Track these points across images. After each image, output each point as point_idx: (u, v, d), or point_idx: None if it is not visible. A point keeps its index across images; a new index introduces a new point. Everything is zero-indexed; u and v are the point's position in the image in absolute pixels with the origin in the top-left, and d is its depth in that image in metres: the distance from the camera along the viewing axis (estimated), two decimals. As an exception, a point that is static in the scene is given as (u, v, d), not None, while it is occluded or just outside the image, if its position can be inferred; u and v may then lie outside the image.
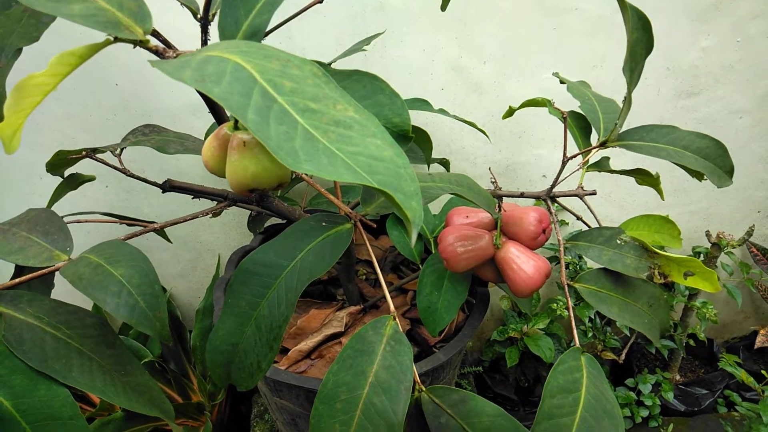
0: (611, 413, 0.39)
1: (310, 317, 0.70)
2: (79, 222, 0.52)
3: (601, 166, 0.59)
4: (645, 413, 0.99)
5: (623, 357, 1.00)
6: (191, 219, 0.49)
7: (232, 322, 0.41)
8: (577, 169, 0.57)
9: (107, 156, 0.57)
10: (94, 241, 0.44)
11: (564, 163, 0.52)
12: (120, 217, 0.59)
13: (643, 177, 0.57)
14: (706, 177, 0.51)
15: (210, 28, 0.41)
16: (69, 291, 0.42)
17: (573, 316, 0.48)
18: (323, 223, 0.44)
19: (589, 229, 0.53)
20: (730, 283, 0.97)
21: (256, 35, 0.38)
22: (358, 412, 0.36)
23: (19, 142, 0.27)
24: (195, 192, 0.53)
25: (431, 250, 0.73)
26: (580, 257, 0.98)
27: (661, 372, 1.04)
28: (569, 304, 0.47)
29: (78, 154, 0.55)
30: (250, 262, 0.41)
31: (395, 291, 0.75)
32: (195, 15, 0.42)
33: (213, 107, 0.42)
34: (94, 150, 0.56)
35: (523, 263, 0.50)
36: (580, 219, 0.57)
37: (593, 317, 1.00)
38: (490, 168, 0.67)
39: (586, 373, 0.41)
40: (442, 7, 0.59)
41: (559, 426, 0.38)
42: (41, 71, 0.26)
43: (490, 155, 0.92)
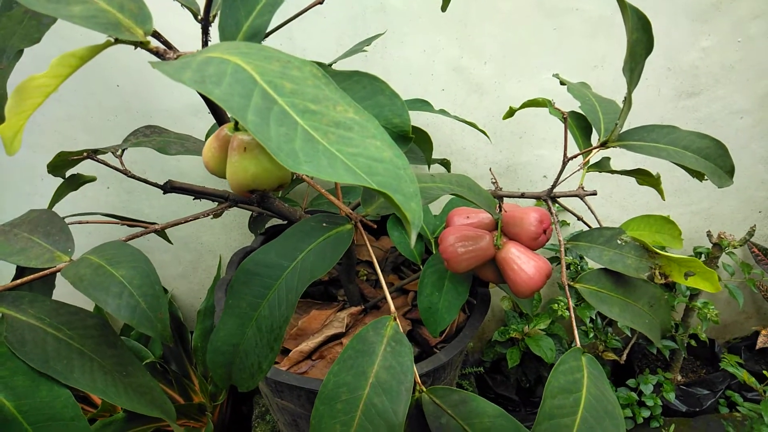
0: (612, 413, 0.39)
1: (311, 318, 0.70)
2: (81, 223, 0.52)
3: (602, 166, 0.59)
4: (646, 414, 0.99)
5: (624, 357, 1.00)
6: (192, 220, 0.49)
7: (233, 323, 0.41)
8: (578, 170, 0.57)
9: (108, 157, 0.58)
10: (95, 242, 0.44)
11: (564, 164, 0.52)
12: (121, 218, 0.59)
13: (643, 177, 0.57)
14: (706, 177, 0.51)
15: (210, 29, 0.41)
16: (70, 292, 0.42)
17: (574, 316, 0.48)
18: (324, 224, 0.44)
19: (590, 229, 0.53)
20: (731, 283, 0.97)
21: (256, 36, 0.38)
22: (358, 413, 0.36)
23: (20, 144, 0.28)
24: (196, 193, 0.53)
25: (432, 251, 0.73)
26: (581, 258, 0.98)
27: (663, 372, 1.04)
28: (570, 304, 0.47)
29: (79, 155, 0.55)
30: (251, 262, 0.41)
31: (396, 291, 0.75)
32: (195, 16, 0.42)
33: (213, 108, 0.42)
34: (95, 151, 0.57)
35: (524, 264, 0.50)
36: (580, 219, 0.57)
37: (594, 318, 0.99)
38: (490, 168, 0.67)
39: (587, 373, 0.41)
40: (443, 8, 0.59)
41: (560, 426, 0.38)
42: (42, 73, 0.26)
43: (490, 156, 0.92)
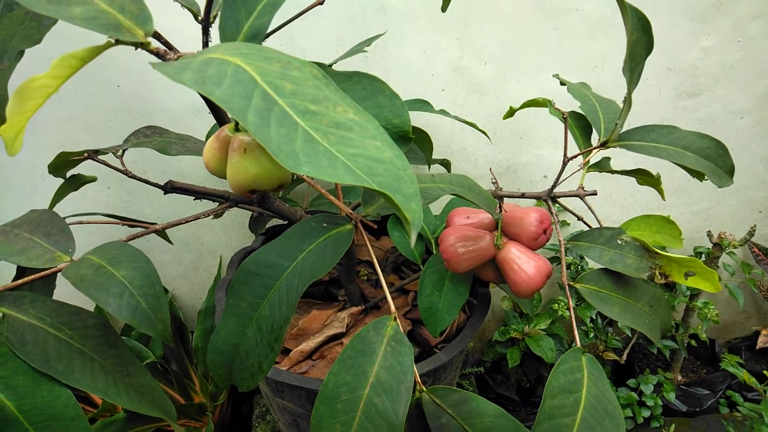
0: (612, 413, 0.39)
1: (311, 318, 0.70)
2: (81, 223, 0.52)
3: (602, 166, 0.59)
4: (647, 414, 0.99)
5: (625, 357, 1.00)
6: (193, 220, 0.49)
7: (234, 323, 0.41)
8: (578, 170, 0.57)
9: (109, 157, 0.58)
10: (96, 243, 0.44)
11: (564, 164, 0.52)
12: (121, 219, 0.59)
13: (643, 177, 0.57)
14: (706, 177, 0.51)
15: (211, 29, 0.41)
16: (71, 292, 0.42)
17: (574, 316, 0.48)
18: (324, 224, 0.44)
19: (590, 229, 0.53)
20: (731, 283, 0.97)
21: (256, 37, 0.38)
22: (359, 413, 0.36)
23: (21, 144, 0.28)
24: (196, 193, 0.53)
25: (432, 251, 0.73)
26: (582, 258, 0.98)
27: (663, 372, 1.04)
28: (570, 304, 0.47)
29: (80, 156, 0.55)
30: (252, 262, 0.41)
31: (396, 292, 0.75)
32: (196, 17, 0.42)
33: (214, 109, 0.42)
34: (96, 151, 0.57)
35: (524, 264, 0.50)
36: (581, 219, 0.57)
37: (594, 318, 0.99)
38: (491, 168, 0.67)
39: (587, 373, 0.41)
40: (443, 8, 0.59)
41: (560, 426, 0.38)
42: (43, 74, 0.27)
43: (491, 156, 0.92)
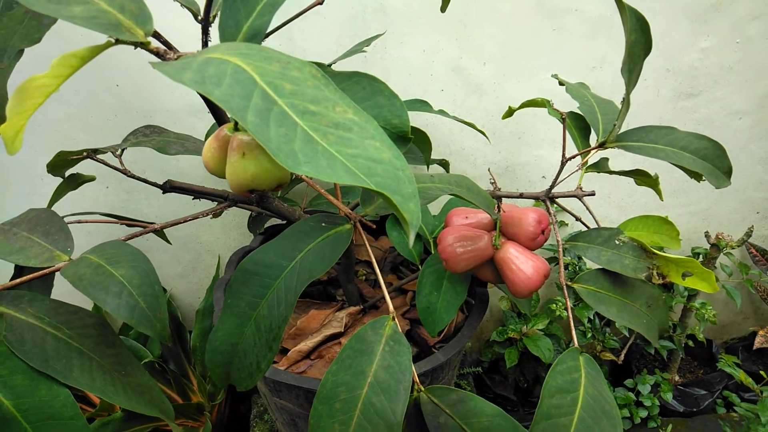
0: (609, 413, 0.39)
1: (309, 318, 0.70)
2: (80, 222, 0.52)
3: (600, 167, 0.60)
4: (644, 414, 0.99)
5: (622, 358, 1.00)
6: (191, 219, 0.49)
7: (232, 323, 0.41)
8: (576, 170, 0.57)
9: (108, 157, 0.58)
10: (94, 242, 0.44)
11: (563, 164, 0.52)
12: (120, 218, 0.59)
13: (642, 178, 0.57)
14: (704, 178, 0.51)
15: (210, 29, 0.41)
16: (69, 291, 0.42)
17: (572, 316, 0.48)
18: (323, 224, 0.45)
19: (588, 229, 0.53)
20: (729, 283, 0.98)
21: (256, 37, 0.38)
22: (357, 412, 0.36)
23: (21, 143, 0.28)
24: (195, 193, 0.53)
25: (431, 251, 0.73)
26: (579, 258, 0.98)
27: (660, 373, 1.04)
28: (568, 304, 0.48)
29: (79, 155, 0.55)
30: (250, 262, 0.41)
31: (395, 291, 0.75)
32: (196, 17, 0.42)
33: (213, 109, 0.42)
34: (95, 151, 0.57)
35: (522, 264, 0.50)
36: (579, 220, 0.57)
37: (592, 318, 1.00)
38: (489, 169, 0.67)
39: (585, 373, 0.42)
40: (442, 9, 0.59)
41: (557, 426, 0.38)
42: (43, 73, 0.27)
43: (489, 156, 0.92)
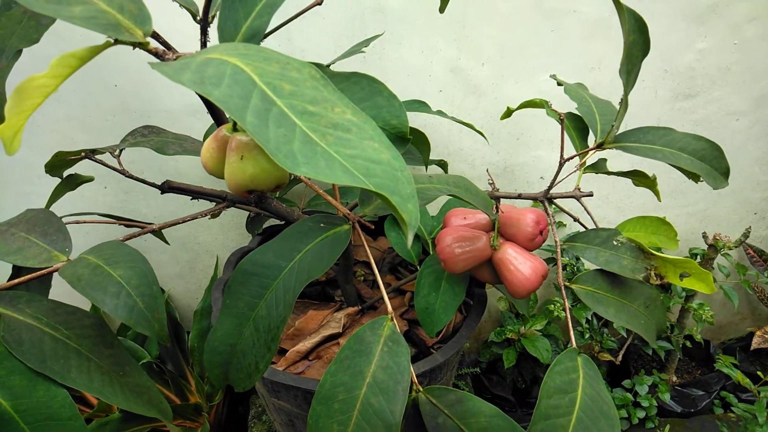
0: (607, 414, 0.39)
1: (308, 318, 0.70)
2: (78, 223, 0.52)
3: (598, 167, 0.60)
4: (642, 414, 0.99)
5: (620, 358, 1.00)
6: (190, 220, 0.49)
7: (230, 323, 0.41)
8: (575, 171, 0.58)
9: (106, 157, 0.58)
10: (92, 242, 0.44)
11: (561, 165, 0.52)
12: (118, 218, 0.59)
13: (640, 179, 0.57)
14: (702, 179, 0.51)
15: (209, 29, 0.41)
16: (67, 292, 0.42)
17: (570, 317, 0.48)
18: (321, 225, 0.45)
19: (586, 230, 0.54)
20: (726, 284, 0.98)
21: (255, 37, 0.38)
22: (355, 413, 0.36)
23: (19, 144, 0.28)
24: (194, 193, 0.53)
25: (429, 252, 0.73)
26: (577, 258, 0.98)
27: (658, 373, 1.04)
28: (566, 305, 0.48)
29: (77, 155, 0.55)
30: (249, 263, 0.41)
31: (393, 292, 0.75)
32: (194, 17, 0.42)
33: (212, 109, 0.42)
34: (93, 151, 0.56)
35: (520, 264, 0.50)
36: (577, 220, 0.57)
37: (590, 318, 1.00)
38: (487, 169, 0.67)
39: (583, 373, 0.42)
40: (441, 9, 0.59)
41: (555, 426, 0.38)
42: (42, 73, 0.27)
43: (488, 157, 0.93)
